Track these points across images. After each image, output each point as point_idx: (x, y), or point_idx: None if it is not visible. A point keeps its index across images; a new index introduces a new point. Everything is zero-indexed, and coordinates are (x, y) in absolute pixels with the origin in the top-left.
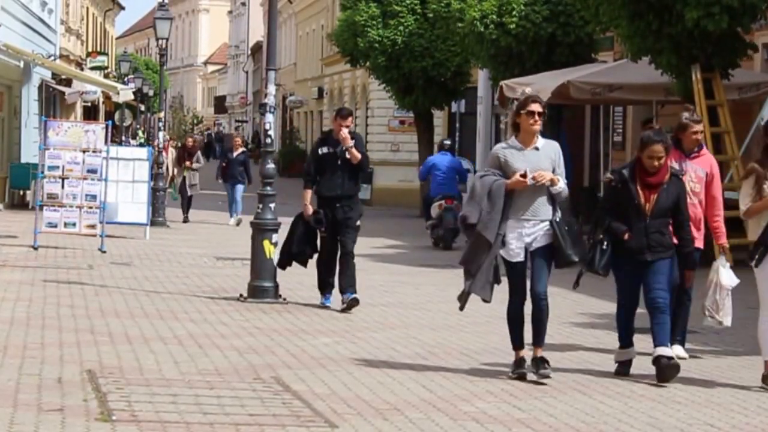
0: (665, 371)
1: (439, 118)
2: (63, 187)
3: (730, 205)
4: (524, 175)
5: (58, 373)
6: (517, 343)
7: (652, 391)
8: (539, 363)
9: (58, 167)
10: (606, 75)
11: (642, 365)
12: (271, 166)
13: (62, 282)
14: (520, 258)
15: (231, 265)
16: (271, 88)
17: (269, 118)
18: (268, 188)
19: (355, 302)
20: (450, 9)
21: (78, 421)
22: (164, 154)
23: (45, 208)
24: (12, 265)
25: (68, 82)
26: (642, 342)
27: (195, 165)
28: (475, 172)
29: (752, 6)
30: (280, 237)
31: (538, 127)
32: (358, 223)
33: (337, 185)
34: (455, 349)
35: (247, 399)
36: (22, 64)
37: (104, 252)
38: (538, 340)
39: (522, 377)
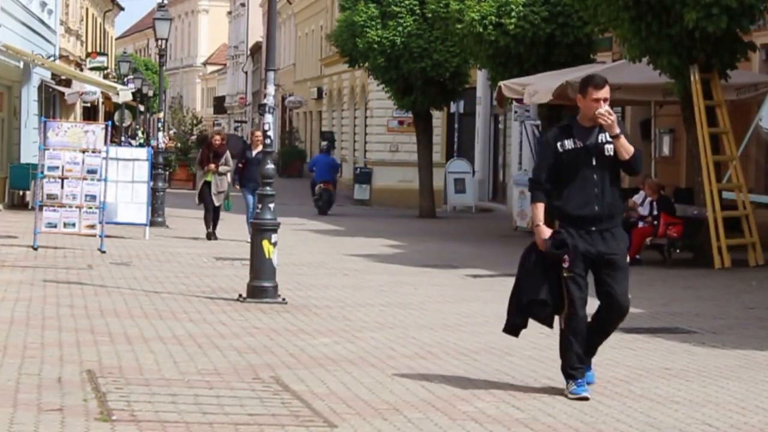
0: None
1: (438, 118)
2: (62, 187)
3: (729, 205)
4: None
5: (58, 373)
6: None
7: (651, 390)
8: None
9: (57, 167)
10: (604, 75)
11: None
12: (270, 166)
13: (62, 282)
14: None
15: (230, 265)
16: (271, 89)
17: (268, 118)
18: (268, 188)
19: (584, 399)
20: (449, 10)
21: (78, 421)
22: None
23: (45, 208)
24: (12, 265)
25: (68, 83)
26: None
27: (222, 168)
28: (473, 173)
29: (750, 7)
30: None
31: None
32: (628, 258)
33: (591, 198)
34: (454, 349)
35: (247, 399)
36: (21, 65)
37: (104, 252)
38: None
39: None
